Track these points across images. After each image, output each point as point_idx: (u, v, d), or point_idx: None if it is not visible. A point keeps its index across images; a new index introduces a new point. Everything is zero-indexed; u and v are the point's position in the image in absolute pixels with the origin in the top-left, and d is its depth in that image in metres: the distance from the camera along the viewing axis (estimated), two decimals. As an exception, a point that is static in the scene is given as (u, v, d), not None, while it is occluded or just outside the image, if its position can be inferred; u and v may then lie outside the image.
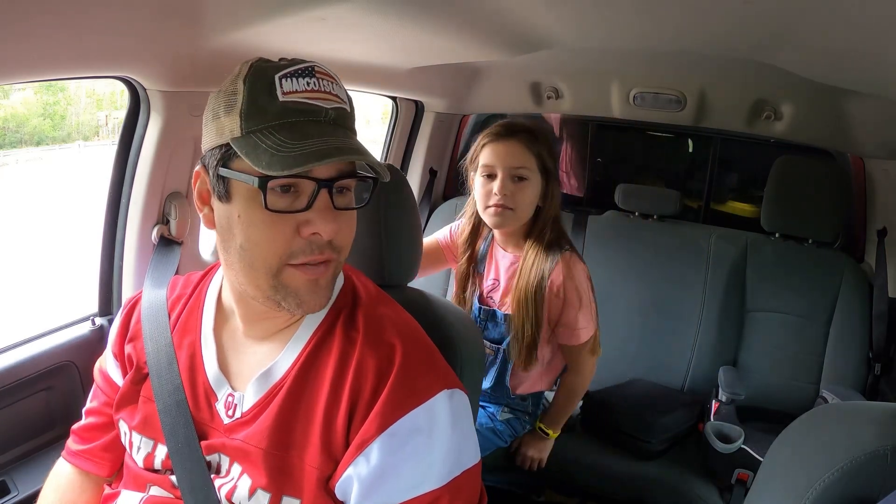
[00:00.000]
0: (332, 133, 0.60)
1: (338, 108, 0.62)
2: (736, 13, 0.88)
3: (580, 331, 1.26)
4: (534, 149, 1.21)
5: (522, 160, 1.21)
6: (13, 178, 3.92)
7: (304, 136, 0.58)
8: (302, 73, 0.60)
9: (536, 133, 1.23)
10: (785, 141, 1.82)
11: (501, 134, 1.23)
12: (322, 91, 0.61)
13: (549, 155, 1.24)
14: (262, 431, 0.64)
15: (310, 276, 0.62)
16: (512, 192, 1.20)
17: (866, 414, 0.70)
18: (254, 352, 0.69)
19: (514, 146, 1.21)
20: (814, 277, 1.65)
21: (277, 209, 0.59)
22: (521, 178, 1.21)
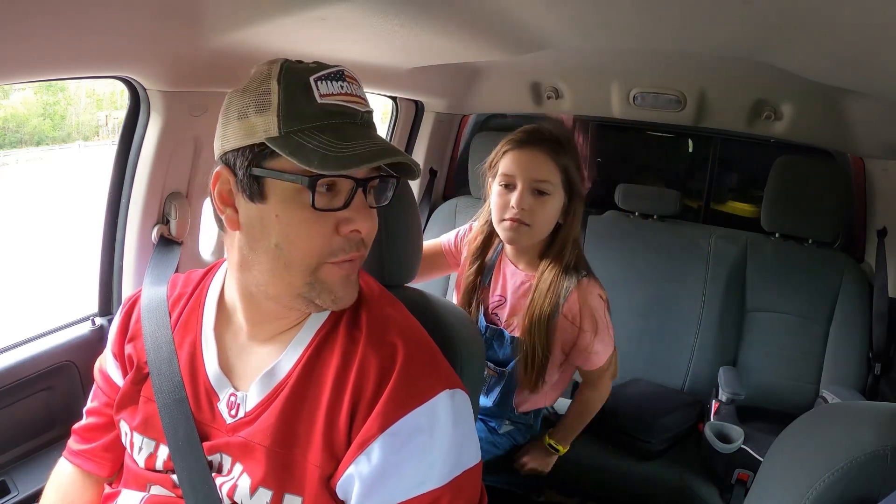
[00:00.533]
0: (369, 135, 0.63)
1: (368, 112, 0.65)
2: (736, 13, 0.88)
3: (596, 356, 1.17)
4: (559, 161, 1.10)
5: (545, 172, 1.09)
6: (13, 178, 3.92)
7: (349, 138, 0.60)
8: (334, 76, 0.62)
9: (563, 143, 1.12)
10: (785, 141, 1.82)
11: (524, 141, 1.12)
12: (354, 95, 0.63)
13: (576, 169, 1.13)
14: (266, 429, 0.64)
15: (344, 272, 0.64)
16: (530, 207, 1.09)
17: (866, 414, 0.70)
18: (256, 351, 0.69)
19: (538, 156, 1.10)
20: (814, 277, 1.65)
21: (321, 208, 0.60)
22: (542, 192, 1.09)
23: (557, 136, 1.12)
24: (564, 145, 1.12)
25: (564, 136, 1.13)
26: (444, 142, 2.19)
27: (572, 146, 1.14)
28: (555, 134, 1.13)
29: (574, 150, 1.14)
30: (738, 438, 1.33)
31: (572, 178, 1.12)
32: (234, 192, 0.63)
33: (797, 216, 1.68)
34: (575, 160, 1.13)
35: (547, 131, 1.13)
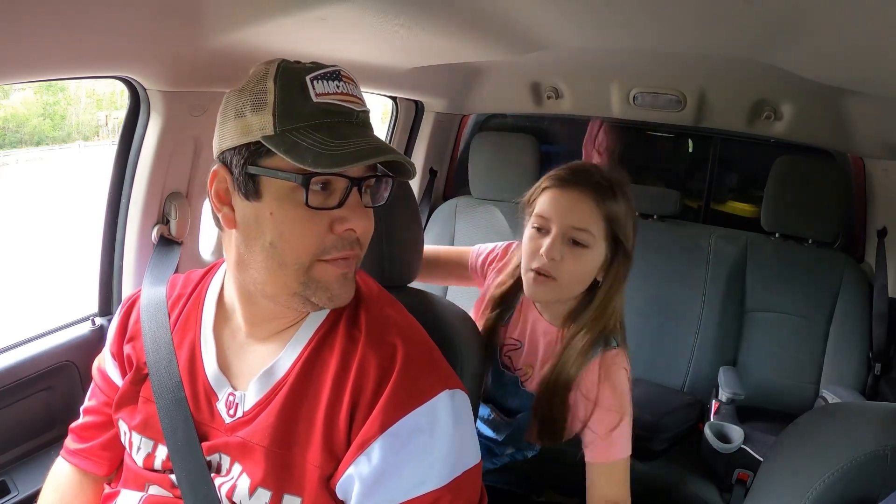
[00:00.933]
0: (364, 134, 0.63)
1: (364, 111, 0.65)
2: (736, 13, 0.88)
3: (607, 444, 0.96)
4: (606, 208, 0.93)
5: (585, 220, 0.93)
6: (13, 178, 3.92)
7: (343, 137, 0.60)
8: (331, 75, 0.62)
9: (615, 187, 0.94)
10: (785, 141, 1.82)
11: (567, 180, 0.95)
12: (350, 94, 0.63)
13: (626, 219, 0.95)
14: (265, 429, 0.64)
15: (340, 270, 0.64)
16: (561, 259, 0.93)
17: (866, 414, 0.70)
18: (255, 351, 0.69)
19: (580, 200, 0.93)
20: (814, 277, 1.65)
21: (315, 206, 0.60)
22: (578, 242, 0.93)
23: (609, 178, 0.96)
24: (616, 191, 0.94)
25: (617, 181, 0.96)
26: (444, 142, 2.19)
27: (625, 193, 0.96)
28: (606, 176, 0.96)
29: (627, 198, 0.96)
30: (738, 438, 1.33)
31: (619, 230, 0.95)
32: (230, 191, 0.64)
33: (797, 216, 1.68)
34: (627, 210, 0.96)
35: (596, 172, 0.97)
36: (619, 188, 0.95)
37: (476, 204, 2.02)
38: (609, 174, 0.97)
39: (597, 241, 0.94)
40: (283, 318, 0.68)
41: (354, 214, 0.62)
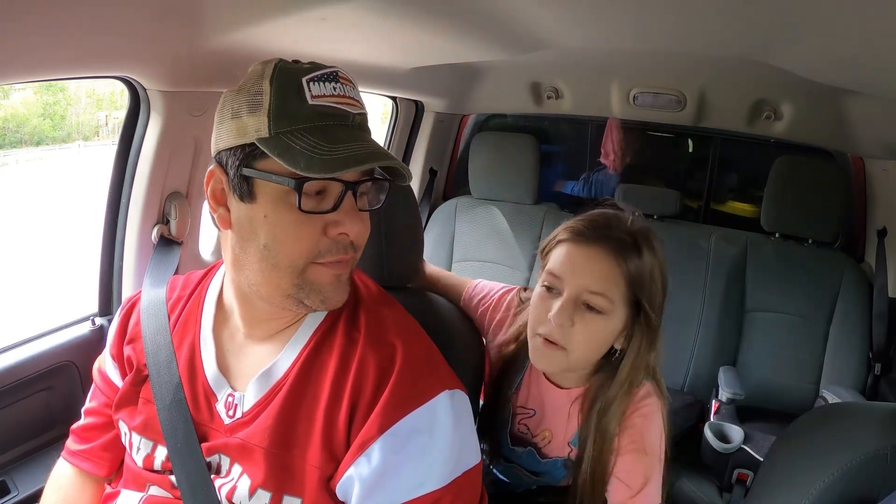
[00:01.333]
0: (360, 137, 0.62)
1: (361, 114, 0.64)
2: (736, 13, 0.88)
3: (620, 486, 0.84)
4: (627, 268, 0.80)
5: (603, 283, 0.80)
6: (13, 178, 3.92)
7: (337, 141, 0.59)
8: (328, 77, 0.62)
9: (640, 241, 0.82)
10: (785, 141, 1.82)
11: (585, 235, 0.83)
12: (346, 97, 0.62)
13: (653, 278, 0.82)
14: (264, 430, 0.64)
15: (334, 272, 0.63)
16: (572, 325, 0.80)
17: (866, 414, 0.70)
18: (254, 351, 0.69)
19: (599, 258, 0.81)
20: (814, 277, 1.65)
21: (308, 210, 0.60)
22: (593, 307, 0.80)
23: (633, 231, 0.83)
24: (641, 248, 0.81)
25: (642, 233, 0.83)
26: (444, 142, 2.19)
27: (652, 247, 0.83)
28: (629, 229, 0.83)
29: (654, 252, 0.83)
30: (738, 438, 1.33)
31: (643, 293, 0.82)
32: (226, 192, 0.64)
33: (797, 216, 1.68)
34: (653, 268, 0.82)
35: (619, 224, 0.83)
36: (646, 242, 0.83)
37: (476, 204, 2.02)
38: (633, 226, 0.84)
39: (615, 306, 0.81)
40: (280, 318, 0.68)
41: (348, 218, 0.62)
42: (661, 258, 0.85)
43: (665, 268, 0.85)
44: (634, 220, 0.85)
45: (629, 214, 0.86)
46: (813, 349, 1.64)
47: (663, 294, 0.85)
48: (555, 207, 1.99)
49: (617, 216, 0.86)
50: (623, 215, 0.86)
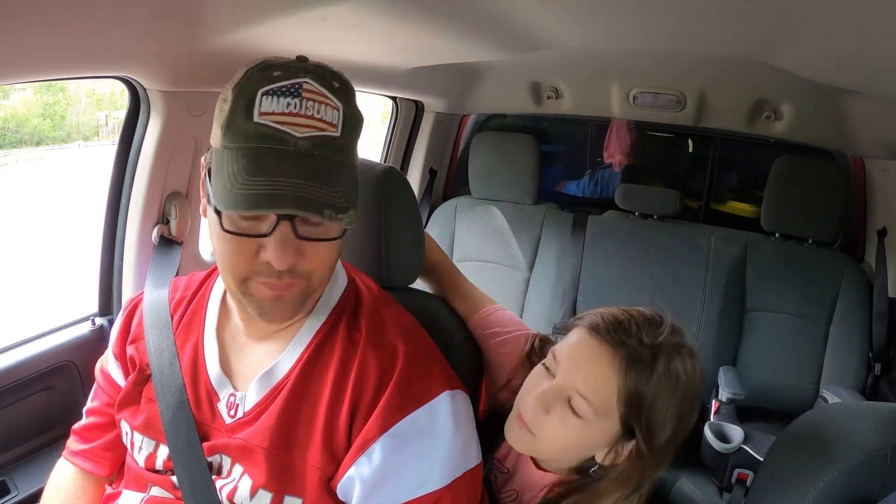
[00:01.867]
0: (295, 168, 0.56)
1: (313, 137, 0.57)
2: (736, 13, 0.88)
3: None
4: (627, 384, 0.69)
5: (593, 388, 0.70)
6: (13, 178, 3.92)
7: (262, 172, 0.56)
8: (286, 91, 0.57)
9: (657, 363, 0.70)
10: (785, 141, 1.82)
11: (600, 330, 0.72)
12: (301, 115, 0.57)
13: (656, 411, 0.69)
14: (265, 431, 0.64)
15: (275, 293, 0.61)
16: (546, 413, 0.71)
17: (866, 414, 0.70)
18: (255, 351, 0.69)
19: (600, 362, 0.70)
20: (814, 277, 1.65)
21: (238, 231, 0.58)
22: (574, 410, 0.71)
23: (657, 347, 0.70)
24: (656, 367, 0.69)
25: (669, 353, 0.71)
26: (444, 142, 2.19)
27: (672, 375, 0.70)
28: (656, 343, 0.71)
29: (674, 381, 0.70)
30: (738, 438, 1.33)
31: (638, 419, 0.69)
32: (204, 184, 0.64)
33: (797, 216, 1.68)
34: (666, 398, 0.70)
35: (648, 333, 0.71)
36: (667, 361, 0.70)
37: (476, 204, 2.02)
38: (662, 339, 0.71)
39: (598, 418, 0.70)
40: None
41: (277, 248, 0.57)
42: (687, 388, 0.72)
43: (686, 404, 0.72)
44: (669, 333, 0.73)
45: (666, 324, 0.74)
46: (813, 349, 1.64)
47: (673, 432, 0.71)
48: (555, 207, 2.00)
49: (650, 321, 0.74)
50: (658, 322, 0.74)
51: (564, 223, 1.90)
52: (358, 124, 0.62)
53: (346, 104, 0.60)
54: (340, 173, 0.59)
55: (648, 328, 0.72)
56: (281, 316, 0.63)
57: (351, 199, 0.58)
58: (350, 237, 0.85)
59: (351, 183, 0.60)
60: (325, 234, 0.60)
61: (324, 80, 0.59)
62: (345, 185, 0.59)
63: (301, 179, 0.56)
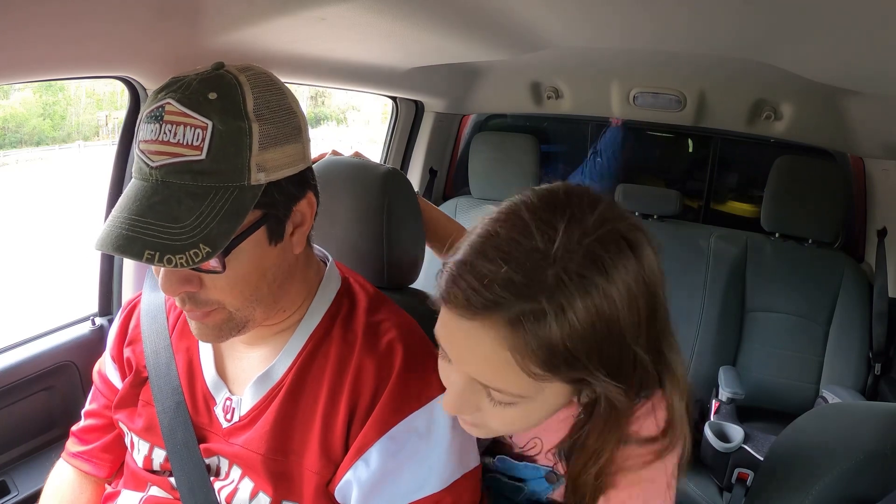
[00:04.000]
0: (139, 202, 0.53)
1: (165, 165, 0.53)
2: (736, 13, 0.88)
3: None
4: (532, 347, 0.48)
5: (501, 378, 0.51)
6: (13, 178, 3.92)
7: (124, 205, 0.54)
8: (151, 116, 0.54)
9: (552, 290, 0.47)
10: (785, 141, 1.82)
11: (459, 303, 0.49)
12: (159, 141, 0.53)
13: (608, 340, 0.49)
14: (261, 436, 0.63)
15: (192, 318, 0.62)
16: (477, 410, 0.55)
17: (866, 414, 0.70)
18: (250, 356, 0.69)
19: (483, 345, 0.49)
20: (814, 277, 1.65)
21: None
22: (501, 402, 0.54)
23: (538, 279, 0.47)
24: (553, 303, 0.47)
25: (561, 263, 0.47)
26: (444, 142, 2.19)
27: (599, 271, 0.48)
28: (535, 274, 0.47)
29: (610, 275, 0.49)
30: (738, 438, 1.33)
31: (579, 367, 0.49)
32: None
33: (797, 216, 1.68)
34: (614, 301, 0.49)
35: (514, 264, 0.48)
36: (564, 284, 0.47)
37: (476, 204, 2.02)
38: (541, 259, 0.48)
39: (534, 392, 0.52)
40: (261, 325, 0.67)
41: (163, 280, 0.57)
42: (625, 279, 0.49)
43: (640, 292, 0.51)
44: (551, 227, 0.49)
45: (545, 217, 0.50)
46: (813, 349, 1.64)
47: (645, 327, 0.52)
48: (555, 207, 1.99)
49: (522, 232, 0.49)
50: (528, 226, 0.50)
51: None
52: (236, 141, 0.54)
53: (221, 119, 0.54)
54: (195, 204, 0.53)
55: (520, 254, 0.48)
56: (213, 338, 0.63)
57: (202, 233, 0.52)
58: (351, 238, 0.86)
59: (211, 214, 0.53)
60: (206, 267, 0.57)
61: (193, 95, 0.54)
62: (198, 218, 0.52)
63: (136, 215, 0.52)
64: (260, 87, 0.58)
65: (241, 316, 0.62)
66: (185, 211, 0.53)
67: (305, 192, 0.62)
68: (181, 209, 0.53)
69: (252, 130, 0.55)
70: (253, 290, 0.60)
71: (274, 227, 0.60)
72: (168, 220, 0.52)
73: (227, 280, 0.58)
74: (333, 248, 0.80)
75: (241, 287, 0.59)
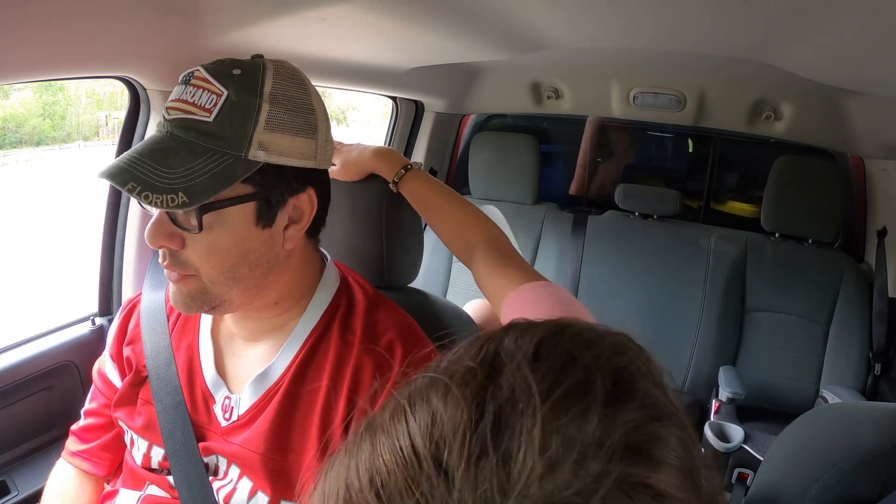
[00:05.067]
0: (153, 145, 0.59)
1: (176, 119, 0.59)
2: (736, 13, 0.88)
3: None
4: None
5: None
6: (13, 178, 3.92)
7: (135, 146, 0.59)
8: (182, 80, 0.61)
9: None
10: (785, 141, 1.82)
11: None
12: (181, 100, 0.60)
13: None
14: (260, 435, 0.63)
15: (172, 282, 0.63)
16: None
17: (866, 414, 0.70)
18: (249, 354, 0.69)
19: None
20: (814, 277, 1.66)
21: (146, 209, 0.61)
22: None
23: None
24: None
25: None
26: (444, 142, 2.19)
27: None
28: None
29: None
30: (738, 438, 1.33)
31: None
32: None
33: (797, 216, 1.68)
34: None
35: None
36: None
37: (476, 204, 2.01)
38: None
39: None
40: (260, 318, 0.68)
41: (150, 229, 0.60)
42: None
43: None
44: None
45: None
46: (813, 349, 1.64)
47: None
48: (555, 207, 1.99)
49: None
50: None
51: (564, 223, 1.90)
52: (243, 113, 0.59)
53: (236, 91, 0.59)
54: (190, 158, 0.57)
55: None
56: (183, 306, 0.64)
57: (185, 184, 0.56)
58: (351, 237, 0.86)
59: (202, 171, 0.57)
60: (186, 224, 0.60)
61: (221, 67, 0.60)
62: (188, 170, 0.57)
63: (137, 154, 0.58)
64: (283, 77, 0.61)
65: (216, 291, 0.62)
66: (179, 161, 0.57)
67: (306, 188, 0.63)
68: (176, 159, 0.57)
69: (262, 109, 0.59)
70: (231, 266, 0.61)
71: (264, 209, 0.61)
72: (161, 164, 0.57)
73: (205, 245, 0.60)
74: (333, 248, 0.80)
75: (219, 258, 0.61)
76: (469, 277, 1.05)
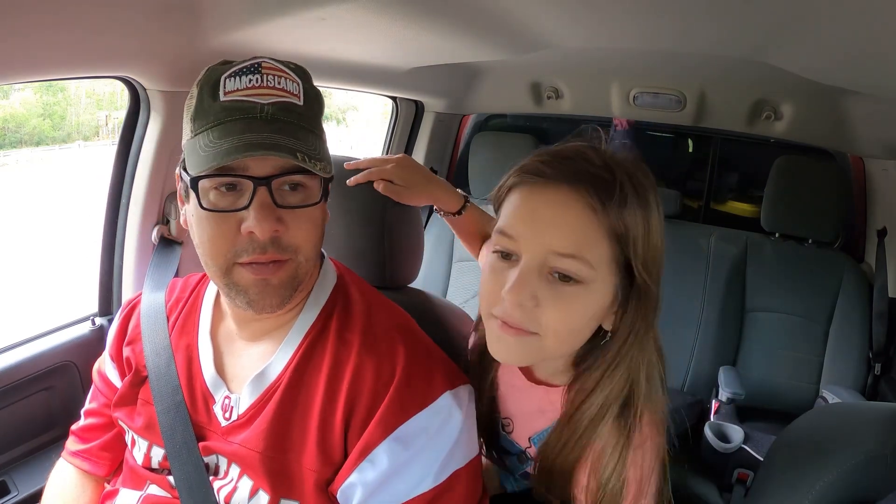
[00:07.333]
0: (263, 129, 0.58)
1: (278, 103, 0.60)
2: (736, 13, 0.88)
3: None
4: (610, 218, 0.57)
5: (576, 240, 0.57)
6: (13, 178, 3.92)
7: (231, 133, 0.57)
8: (247, 70, 0.60)
9: (625, 186, 0.58)
10: (785, 141, 1.82)
11: (545, 174, 0.59)
12: (264, 86, 0.60)
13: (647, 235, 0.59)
14: (259, 434, 0.64)
15: (258, 276, 0.61)
16: (537, 305, 0.58)
17: (866, 414, 0.70)
18: (248, 353, 0.69)
19: (567, 205, 0.57)
20: (814, 277, 1.66)
21: (218, 208, 0.59)
22: (567, 276, 0.57)
23: (615, 168, 0.58)
24: (626, 191, 0.58)
25: (630, 172, 0.60)
26: (444, 142, 2.19)
27: (645, 195, 0.60)
28: (612, 164, 0.59)
29: (648, 202, 0.61)
30: (738, 438, 1.33)
31: (635, 253, 0.58)
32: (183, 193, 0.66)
33: (797, 216, 1.68)
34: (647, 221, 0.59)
35: (596, 157, 0.59)
36: (632, 183, 0.59)
37: (476, 204, 2.02)
38: (618, 161, 0.59)
39: (598, 271, 0.57)
40: (265, 318, 0.68)
41: (257, 216, 0.58)
42: (658, 207, 0.62)
43: (662, 222, 0.62)
44: (617, 153, 0.60)
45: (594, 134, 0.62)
46: (813, 349, 1.64)
47: (661, 258, 0.61)
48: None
49: (593, 148, 0.60)
50: (599, 148, 0.61)
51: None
52: (319, 103, 0.65)
53: (306, 81, 0.64)
54: (309, 135, 0.61)
55: (597, 154, 0.60)
56: (270, 302, 0.62)
57: (322, 153, 0.61)
58: (351, 237, 0.86)
59: (321, 144, 0.62)
60: (305, 201, 0.61)
61: (279, 62, 0.63)
62: (315, 142, 0.61)
63: (271, 132, 0.58)
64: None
65: (303, 271, 0.64)
66: (303, 135, 0.60)
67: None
68: (304, 135, 0.60)
69: (322, 100, 0.65)
70: (318, 237, 0.65)
71: (325, 187, 0.65)
72: (296, 138, 0.59)
73: (311, 222, 0.63)
74: (333, 247, 0.80)
75: (317, 235, 0.65)
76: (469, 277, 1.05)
